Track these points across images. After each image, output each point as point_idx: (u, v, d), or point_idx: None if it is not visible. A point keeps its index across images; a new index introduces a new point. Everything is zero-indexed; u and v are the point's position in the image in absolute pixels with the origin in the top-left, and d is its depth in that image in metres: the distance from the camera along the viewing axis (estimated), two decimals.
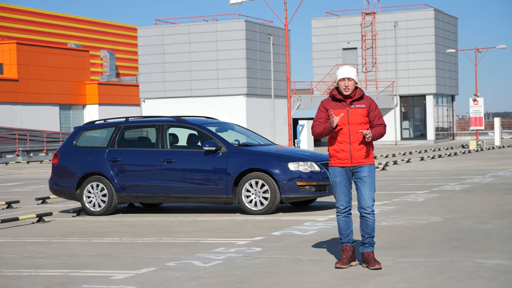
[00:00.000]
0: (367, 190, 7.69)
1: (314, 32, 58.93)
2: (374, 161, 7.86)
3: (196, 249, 9.29)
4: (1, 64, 53.53)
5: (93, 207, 13.56)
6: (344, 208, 7.77)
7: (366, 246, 7.72)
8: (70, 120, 57.50)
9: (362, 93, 7.79)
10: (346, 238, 7.81)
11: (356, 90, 7.74)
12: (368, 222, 7.70)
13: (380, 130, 7.78)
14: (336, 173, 7.77)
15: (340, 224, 7.82)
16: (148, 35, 49.83)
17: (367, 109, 7.73)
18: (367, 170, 7.71)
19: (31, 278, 7.85)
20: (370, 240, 7.72)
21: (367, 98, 7.80)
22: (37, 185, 22.59)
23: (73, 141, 14.11)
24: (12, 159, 44.47)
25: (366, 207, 7.68)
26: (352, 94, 7.71)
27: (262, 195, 12.75)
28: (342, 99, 7.73)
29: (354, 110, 7.68)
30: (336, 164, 7.77)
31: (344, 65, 7.73)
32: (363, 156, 7.71)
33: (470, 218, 11.33)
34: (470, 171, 22.17)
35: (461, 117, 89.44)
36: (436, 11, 56.91)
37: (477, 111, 43.79)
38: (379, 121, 7.78)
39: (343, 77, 7.67)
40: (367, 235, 7.71)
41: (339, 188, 7.76)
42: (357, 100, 7.72)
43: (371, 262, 7.63)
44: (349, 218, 7.81)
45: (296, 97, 50.30)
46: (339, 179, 7.75)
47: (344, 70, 7.70)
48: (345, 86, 7.67)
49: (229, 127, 14.31)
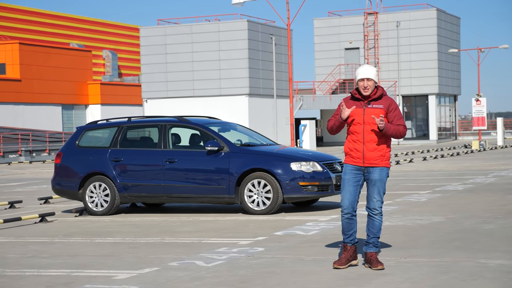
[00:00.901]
0: (376, 194, 7.67)
1: (316, 32, 58.91)
2: (388, 164, 7.72)
3: (199, 249, 9.29)
4: (4, 64, 53.57)
5: (95, 207, 13.57)
6: (346, 209, 7.71)
7: (370, 246, 7.71)
8: (73, 120, 57.53)
9: (382, 93, 7.67)
10: (348, 238, 7.80)
11: (376, 90, 7.66)
12: (375, 222, 7.71)
13: (398, 128, 7.64)
14: (347, 170, 7.73)
15: (344, 225, 7.80)
16: (150, 35, 49.85)
17: (385, 109, 7.63)
18: (378, 173, 7.64)
19: (34, 278, 7.86)
20: (375, 241, 7.70)
21: (386, 98, 7.69)
22: (40, 185, 22.60)
23: (76, 141, 14.11)
24: (14, 159, 44.50)
25: (373, 209, 7.70)
26: (371, 94, 7.64)
27: (265, 195, 12.74)
28: (360, 98, 7.66)
29: (370, 110, 7.60)
30: (349, 162, 7.74)
31: (363, 65, 7.63)
32: (376, 157, 7.63)
33: (473, 218, 11.32)
34: (472, 171, 22.15)
35: (464, 117, 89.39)
36: (438, 11, 56.88)
37: (480, 111, 43.74)
38: (398, 122, 7.67)
39: (362, 77, 7.60)
40: (373, 235, 7.70)
41: (346, 186, 7.71)
42: (375, 100, 7.63)
43: (374, 262, 7.61)
44: (353, 220, 7.76)
45: (298, 97, 50.30)
46: (348, 177, 7.71)
47: (363, 71, 7.61)
48: (364, 87, 7.60)
49: (231, 127, 14.30)
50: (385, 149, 7.69)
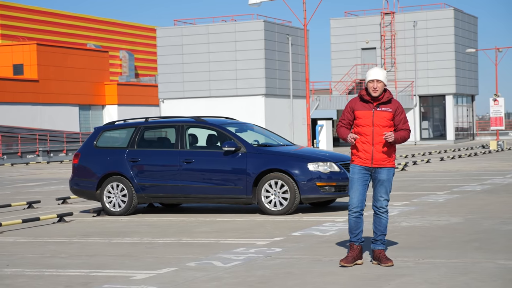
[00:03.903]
0: (383, 193, 7.87)
1: (333, 32, 58.80)
2: (395, 164, 7.95)
3: (216, 249, 9.30)
4: (22, 65, 53.90)
5: (113, 207, 13.61)
6: (355, 207, 7.88)
7: (377, 244, 7.87)
8: (90, 121, 57.78)
9: (391, 97, 7.88)
10: (355, 237, 7.94)
11: (385, 92, 7.84)
12: (381, 220, 7.88)
13: (404, 134, 7.88)
14: (355, 170, 7.91)
15: (351, 223, 7.95)
16: (167, 35, 49.96)
17: (392, 113, 7.84)
18: (386, 173, 7.85)
19: (52, 277, 7.90)
20: (382, 238, 7.87)
21: (394, 102, 7.89)
22: (58, 185, 22.72)
23: (93, 142, 14.17)
24: (32, 159, 44.76)
25: (380, 207, 7.88)
26: (380, 97, 7.82)
27: (282, 195, 12.74)
28: (369, 100, 7.84)
29: (379, 112, 7.80)
30: (357, 162, 7.90)
31: (374, 67, 7.89)
32: (384, 158, 7.83)
33: (492, 219, 11.25)
34: (490, 172, 22.02)
35: (481, 117, 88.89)
36: (456, 11, 56.61)
37: (498, 111, 43.49)
38: (403, 126, 7.89)
39: (372, 78, 7.78)
40: (380, 232, 7.87)
41: (355, 186, 7.88)
42: (384, 103, 7.84)
43: (383, 259, 7.74)
44: (360, 219, 7.93)
45: (315, 97, 50.23)
46: (357, 177, 7.88)
47: (373, 72, 7.80)
48: (374, 88, 7.78)
49: (248, 128, 14.31)
50: (393, 149, 7.92)
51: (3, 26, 62.13)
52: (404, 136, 7.86)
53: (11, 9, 62.81)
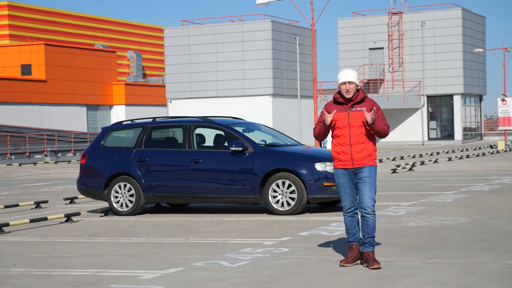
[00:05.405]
0: (367, 191, 7.87)
1: (341, 32, 58.74)
2: (375, 162, 8.00)
3: (223, 249, 9.30)
4: (30, 65, 54.05)
5: (120, 207, 13.63)
6: (348, 208, 7.99)
7: (366, 246, 7.89)
8: (97, 121, 57.91)
9: (364, 96, 7.95)
10: (352, 237, 8.02)
11: (358, 93, 7.93)
12: (368, 222, 7.88)
13: (384, 126, 7.89)
14: (339, 174, 8.00)
15: (347, 224, 8.05)
16: (175, 35, 50.01)
17: (368, 111, 7.88)
18: (368, 171, 7.88)
19: (60, 277, 7.91)
20: (371, 240, 7.88)
21: (369, 100, 7.95)
22: (65, 185, 22.76)
23: (101, 142, 14.19)
24: (40, 159, 44.87)
25: (366, 207, 7.86)
26: (353, 97, 7.90)
27: (289, 195, 12.73)
28: (343, 102, 7.93)
29: (355, 113, 7.88)
30: (339, 166, 7.99)
31: (344, 69, 8.03)
32: (363, 157, 7.88)
33: (500, 219, 11.22)
34: (498, 172, 21.96)
35: (489, 117, 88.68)
36: (463, 11, 56.48)
37: (506, 111, 43.36)
38: (382, 122, 7.91)
39: (344, 81, 7.89)
40: (368, 235, 7.89)
41: (343, 189, 7.99)
42: (358, 103, 7.91)
43: (371, 261, 7.78)
44: (355, 218, 8.03)
45: (322, 97, 50.18)
46: (342, 181, 7.98)
47: (344, 74, 7.90)
48: (346, 90, 7.89)
49: (255, 128, 14.31)
50: (372, 148, 7.94)
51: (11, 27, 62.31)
52: (384, 128, 7.86)
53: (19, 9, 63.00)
